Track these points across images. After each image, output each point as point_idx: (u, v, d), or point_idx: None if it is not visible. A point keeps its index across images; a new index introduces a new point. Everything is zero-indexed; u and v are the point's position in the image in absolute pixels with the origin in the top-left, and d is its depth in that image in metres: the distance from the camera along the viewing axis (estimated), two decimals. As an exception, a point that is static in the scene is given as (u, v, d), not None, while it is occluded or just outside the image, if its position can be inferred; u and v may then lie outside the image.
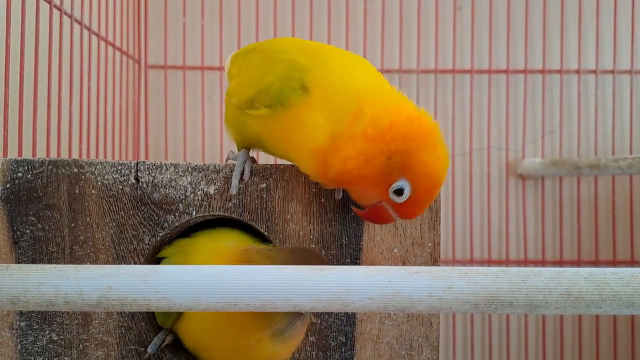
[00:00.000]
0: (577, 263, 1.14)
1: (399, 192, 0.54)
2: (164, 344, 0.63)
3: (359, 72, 0.58)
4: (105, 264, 0.61)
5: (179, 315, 0.61)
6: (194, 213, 0.62)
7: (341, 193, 0.62)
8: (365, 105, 0.54)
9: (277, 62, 0.59)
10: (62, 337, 0.62)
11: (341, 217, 0.62)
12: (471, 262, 1.16)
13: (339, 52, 0.62)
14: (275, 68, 0.59)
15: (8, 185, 0.61)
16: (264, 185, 0.62)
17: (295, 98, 0.56)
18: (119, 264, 0.62)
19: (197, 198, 0.62)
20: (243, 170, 0.61)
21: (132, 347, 0.63)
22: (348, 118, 0.54)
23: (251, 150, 0.65)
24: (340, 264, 0.62)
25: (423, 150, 0.53)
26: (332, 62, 0.59)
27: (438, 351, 0.64)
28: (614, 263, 1.15)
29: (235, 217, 0.62)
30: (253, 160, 0.63)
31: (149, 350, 0.62)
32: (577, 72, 1.16)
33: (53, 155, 0.79)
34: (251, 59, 0.63)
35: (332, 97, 0.55)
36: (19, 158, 0.61)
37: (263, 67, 0.61)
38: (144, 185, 0.62)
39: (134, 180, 0.62)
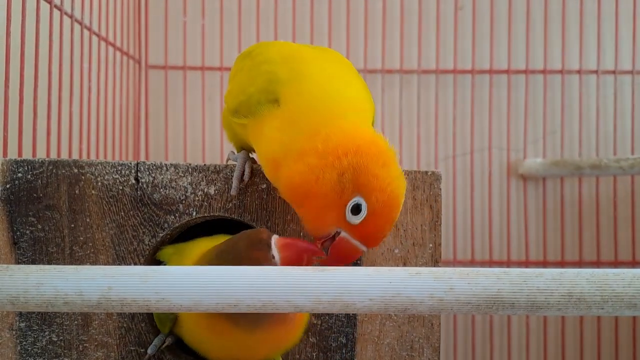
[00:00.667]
0: (579, 264, 1.14)
1: (356, 209, 0.52)
2: (164, 345, 0.62)
3: (335, 89, 0.57)
4: (105, 264, 0.61)
5: (176, 321, 0.60)
6: (194, 214, 0.62)
7: None
8: (323, 128, 0.53)
9: (260, 75, 0.59)
10: (61, 338, 0.62)
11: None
12: (472, 262, 1.15)
13: (324, 63, 0.60)
14: (257, 80, 0.59)
15: (8, 186, 0.61)
16: (264, 186, 0.62)
17: (267, 110, 0.57)
18: (118, 264, 0.61)
19: (197, 198, 0.62)
20: (243, 171, 0.61)
21: (132, 348, 0.62)
22: (305, 137, 0.53)
23: (251, 151, 0.65)
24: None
25: (374, 165, 0.52)
26: (311, 76, 0.57)
27: (439, 352, 0.63)
28: (615, 264, 1.14)
29: (235, 217, 0.62)
30: (253, 161, 0.63)
31: (149, 351, 0.62)
32: (579, 72, 1.16)
33: (53, 155, 0.79)
34: (243, 66, 0.64)
35: (298, 114, 0.55)
36: (19, 158, 0.61)
37: (249, 77, 0.61)
38: (144, 185, 0.62)
39: (134, 181, 0.62)
